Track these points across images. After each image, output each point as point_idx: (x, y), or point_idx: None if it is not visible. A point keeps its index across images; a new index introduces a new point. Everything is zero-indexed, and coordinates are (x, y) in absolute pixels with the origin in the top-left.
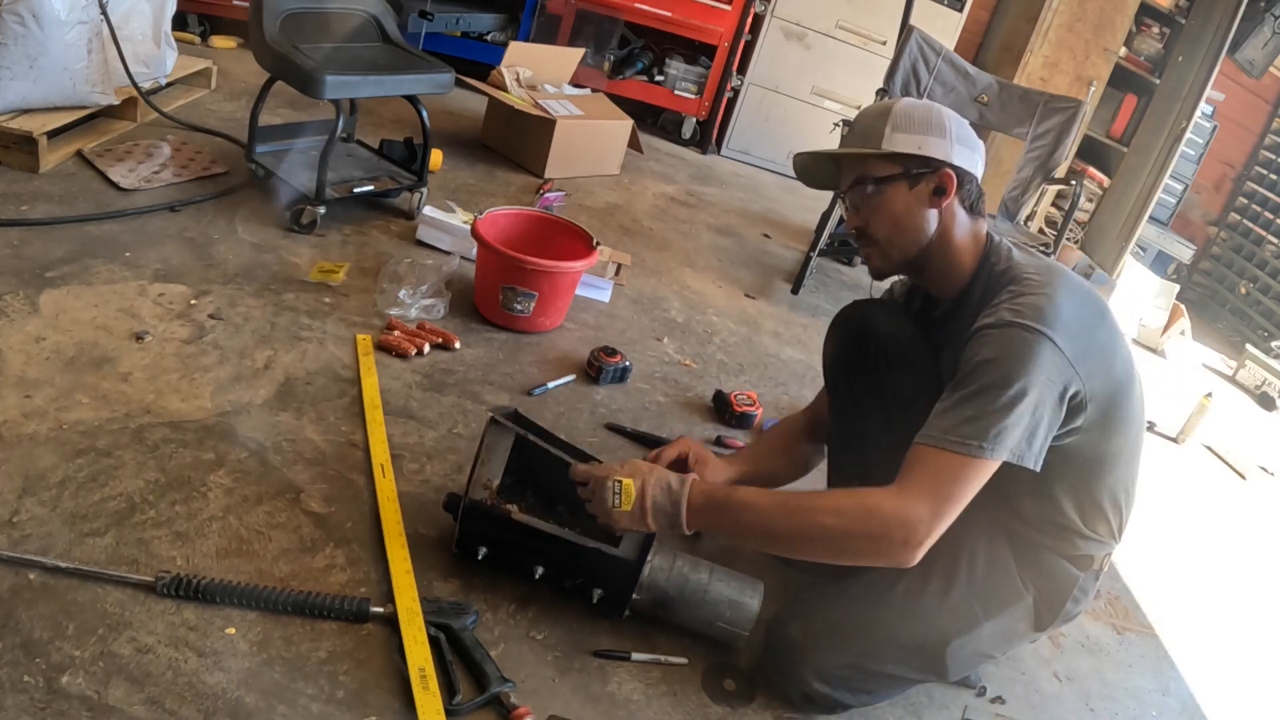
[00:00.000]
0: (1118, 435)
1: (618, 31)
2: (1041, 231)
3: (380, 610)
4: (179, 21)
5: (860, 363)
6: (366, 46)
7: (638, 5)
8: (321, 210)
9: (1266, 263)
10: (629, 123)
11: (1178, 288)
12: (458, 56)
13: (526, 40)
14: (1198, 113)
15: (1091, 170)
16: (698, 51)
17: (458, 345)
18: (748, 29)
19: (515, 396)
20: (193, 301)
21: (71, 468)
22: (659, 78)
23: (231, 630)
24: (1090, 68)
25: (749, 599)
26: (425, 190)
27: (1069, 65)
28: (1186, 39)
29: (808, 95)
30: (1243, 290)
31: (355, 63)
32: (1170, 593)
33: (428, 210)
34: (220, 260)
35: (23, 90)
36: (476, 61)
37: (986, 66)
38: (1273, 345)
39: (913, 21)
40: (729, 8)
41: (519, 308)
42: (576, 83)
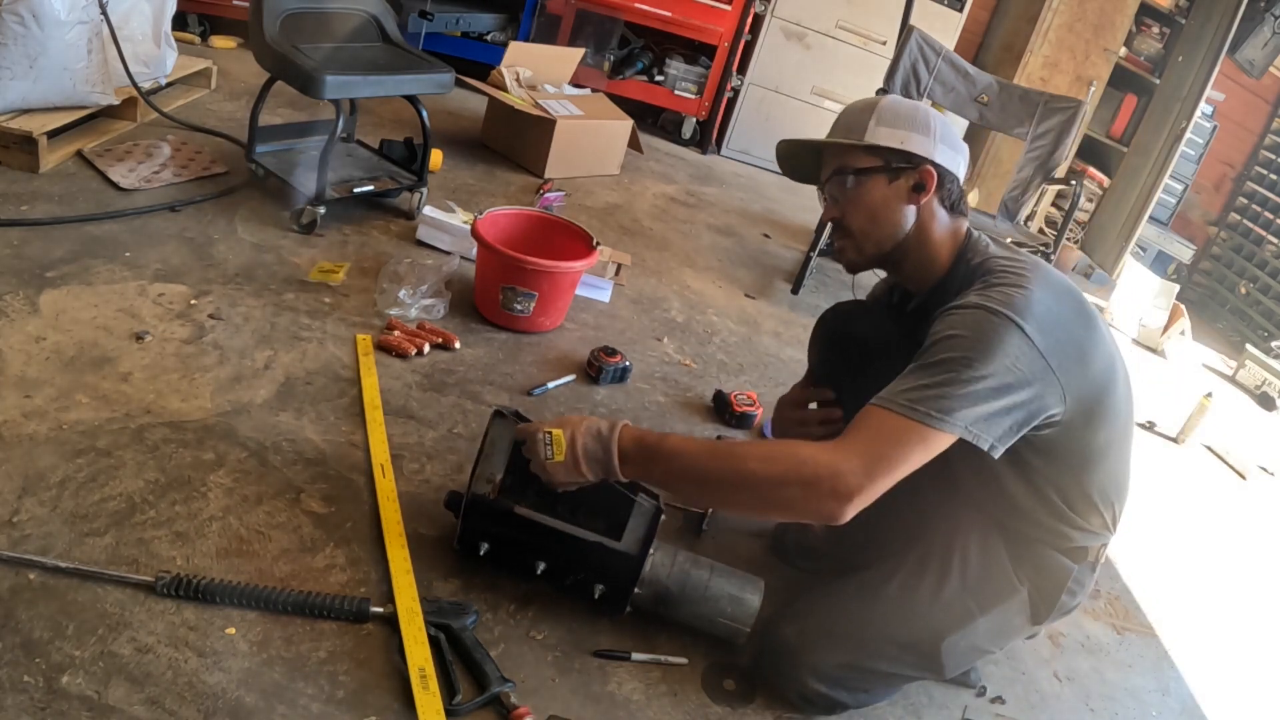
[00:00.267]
0: (1104, 429)
1: (618, 31)
2: (1041, 231)
3: (380, 610)
4: (179, 21)
5: (843, 365)
6: (366, 46)
7: (638, 5)
8: (321, 210)
9: (1266, 263)
10: (629, 123)
11: (1178, 288)
12: (458, 56)
13: (526, 40)
14: (1198, 113)
15: (1091, 170)
16: (698, 51)
17: (458, 345)
18: (748, 29)
19: (515, 396)
20: (193, 301)
21: (71, 468)
22: (659, 78)
23: (231, 630)
24: (1090, 68)
25: (750, 595)
26: (425, 190)
27: (1069, 65)
28: (1186, 39)
29: (808, 95)
30: (1243, 290)
31: (355, 63)
32: (1170, 593)
33: (428, 210)
34: (220, 260)
35: (23, 90)
36: (476, 61)
37: (986, 66)
38: (1273, 345)
39: (913, 21)
40: (729, 8)
41: (519, 308)
42: (576, 83)
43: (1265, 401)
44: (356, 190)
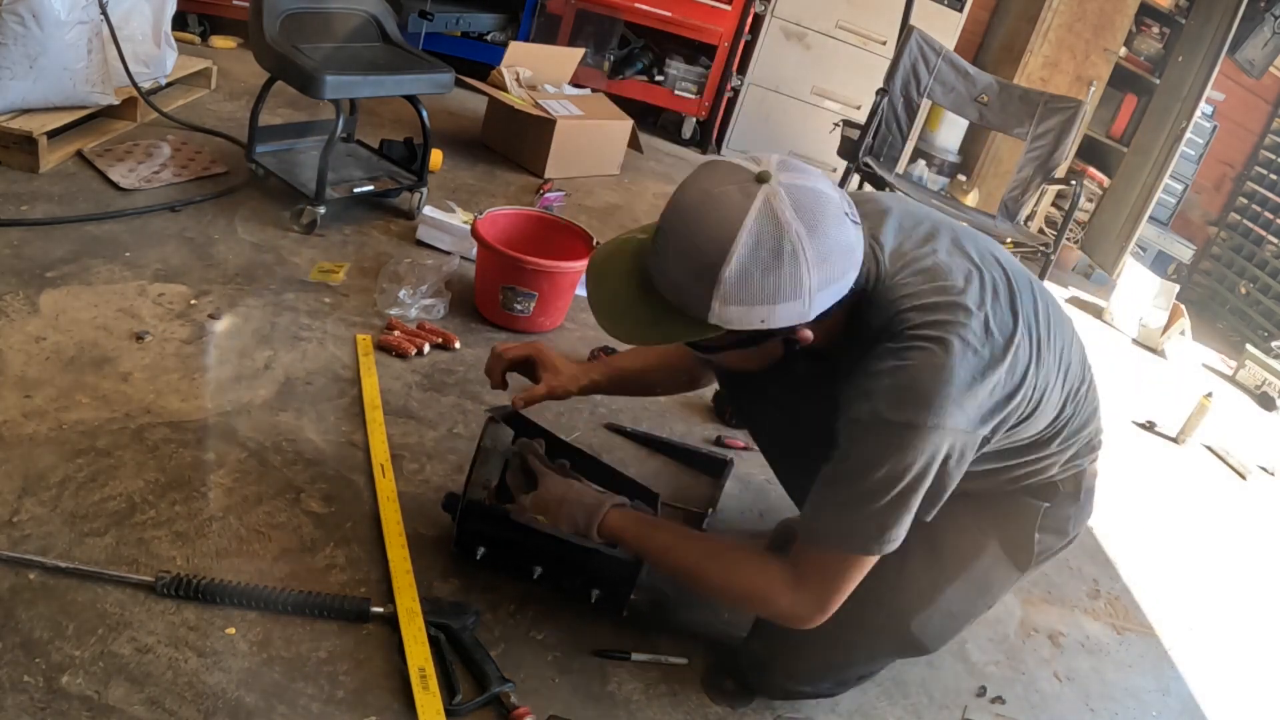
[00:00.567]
0: (1045, 416)
1: (618, 31)
2: (1041, 231)
3: (380, 610)
4: (179, 21)
5: (738, 390)
6: (366, 46)
7: (638, 5)
8: (321, 210)
9: (1266, 263)
10: (629, 123)
11: (1178, 288)
12: (458, 56)
13: (526, 40)
14: (1198, 113)
15: (1091, 170)
16: (698, 51)
17: (458, 345)
18: (748, 29)
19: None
20: (193, 301)
21: (71, 468)
22: (659, 78)
23: (231, 630)
24: (1090, 68)
25: None
26: (425, 190)
27: (1069, 65)
28: (1186, 39)
29: (808, 95)
30: (1243, 290)
31: (355, 63)
32: (1170, 593)
33: (428, 210)
34: (220, 260)
35: (23, 90)
36: (476, 61)
37: (986, 66)
38: (1273, 345)
39: (913, 21)
40: (729, 8)
41: (519, 308)
42: (576, 83)
43: (1265, 401)
44: (356, 190)
